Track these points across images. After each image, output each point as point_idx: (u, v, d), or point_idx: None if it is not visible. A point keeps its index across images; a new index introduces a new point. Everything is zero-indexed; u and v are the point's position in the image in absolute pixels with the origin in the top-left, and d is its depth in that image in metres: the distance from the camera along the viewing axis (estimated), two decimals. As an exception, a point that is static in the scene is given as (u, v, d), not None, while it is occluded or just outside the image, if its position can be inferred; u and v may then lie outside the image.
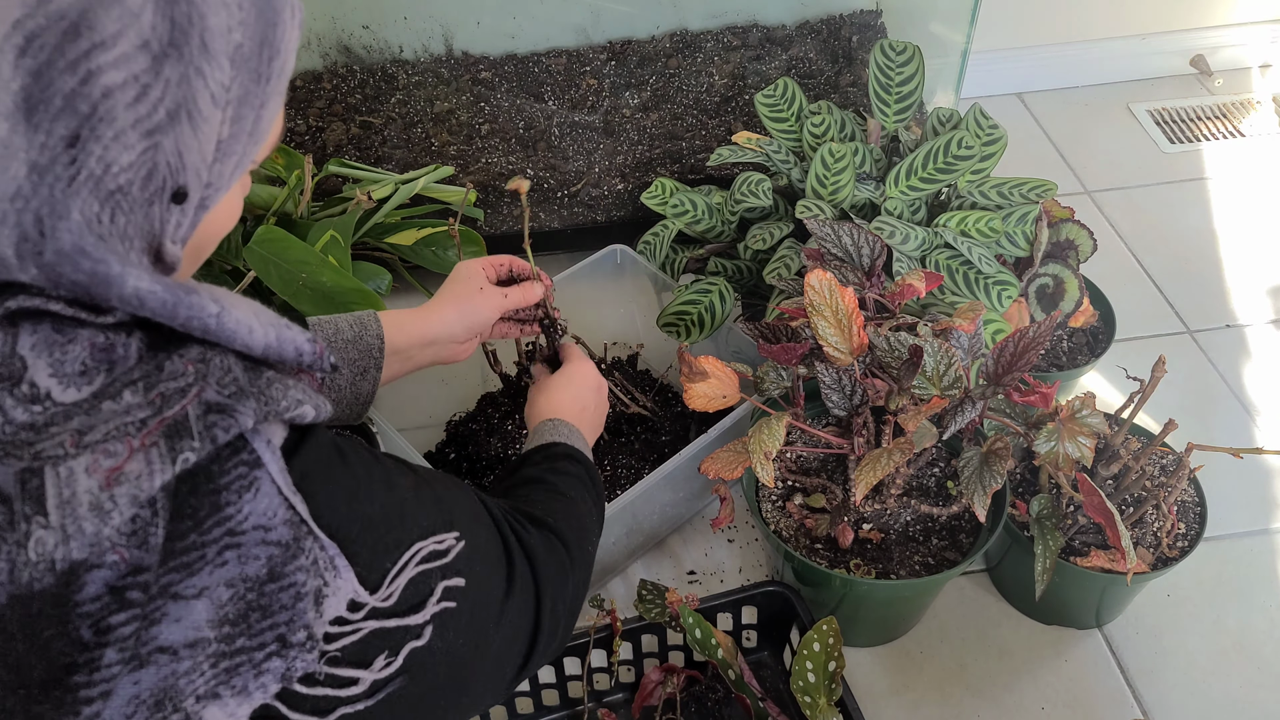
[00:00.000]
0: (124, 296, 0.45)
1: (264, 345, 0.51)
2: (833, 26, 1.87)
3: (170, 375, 0.46)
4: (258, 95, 0.50)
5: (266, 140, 0.54)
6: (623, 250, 1.40)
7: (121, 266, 0.45)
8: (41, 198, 0.43)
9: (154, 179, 0.47)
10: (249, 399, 0.48)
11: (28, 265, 0.43)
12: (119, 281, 0.45)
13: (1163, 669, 1.21)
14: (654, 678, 1.12)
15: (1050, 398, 1.01)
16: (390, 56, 1.82)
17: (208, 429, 0.46)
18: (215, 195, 0.51)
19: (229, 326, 0.49)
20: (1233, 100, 2.10)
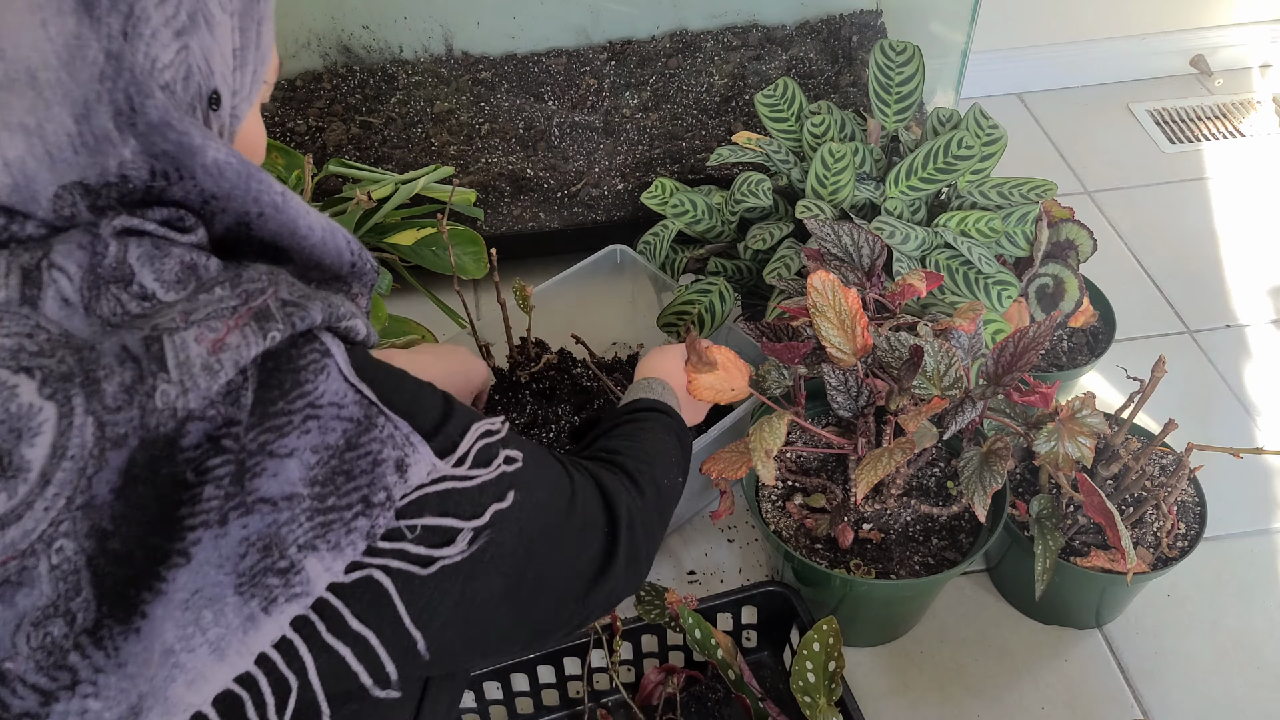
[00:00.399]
0: (206, 165, 0.52)
1: (321, 231, 0.58)
2: (833, 26, 1.87)
3: (249, 280, 0.53)
4: (254, 10, 0.57)
5: (269, 61, 0.60)
6: (623, 250, 1.40)
7: (203, 139, 0.52)
8: (126, 78, 0.49)
9: (192, 80, 0.53)
10: (315, 301, 0.55)
11: (126, 136, 0.50)
12: (201, 151, 0.52)
13: (1163, 669, 1.21)
14: (654, 678, 1.12)
15: (1050, 398, 1.01)
16: (390, 56, 1.81)
17: (286, 317, 0.53)
18: (243, 106, 0.58)
19: (293, 206, 0.56)
20: (1233, 100, 2.10)
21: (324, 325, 0.55)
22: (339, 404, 0.55)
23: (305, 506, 0.53)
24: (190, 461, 0.50)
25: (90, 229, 0.50)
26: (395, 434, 0.57)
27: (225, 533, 0.50)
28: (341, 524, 0.54)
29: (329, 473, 0.54)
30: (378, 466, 0.55)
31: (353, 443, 0.55)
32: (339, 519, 0.54)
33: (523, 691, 1.13)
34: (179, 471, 0.50)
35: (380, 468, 0.55)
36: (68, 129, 0.49)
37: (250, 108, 0.59)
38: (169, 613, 0.49)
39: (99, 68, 0.49)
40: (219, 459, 0.50)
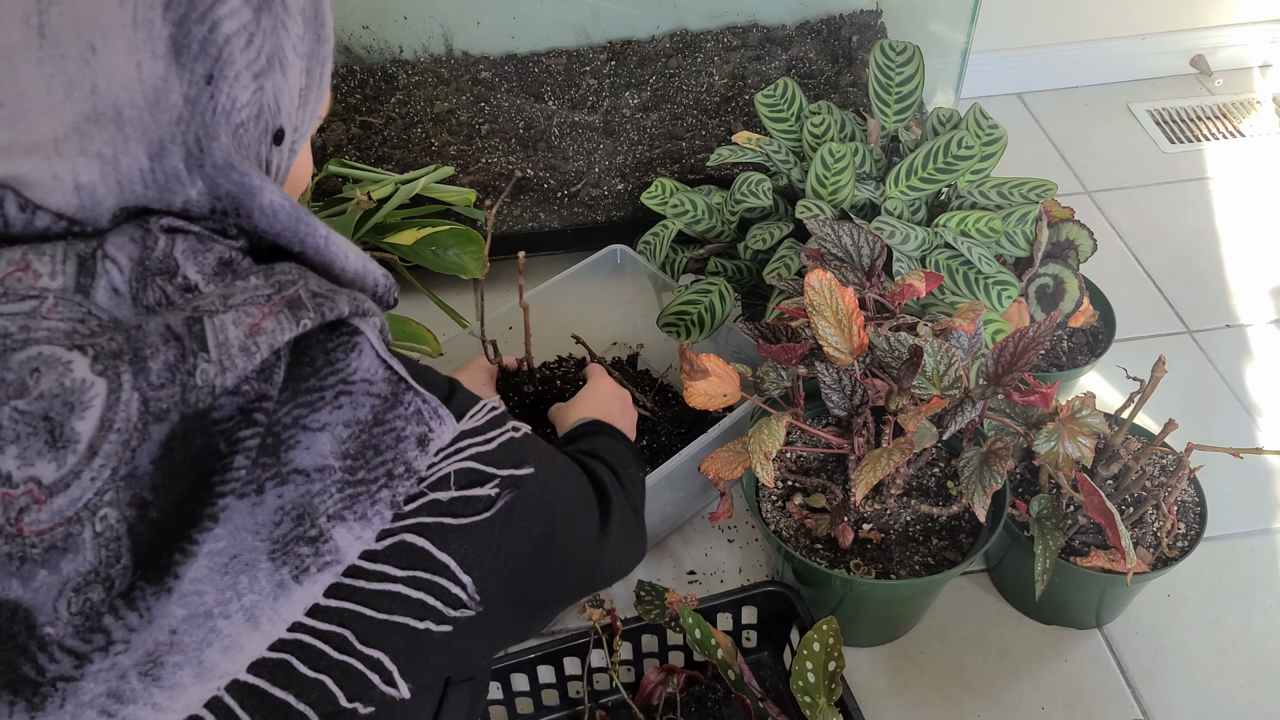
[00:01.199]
0: (263, 207, 0.56)
1: (355, 270, 0.62)
2: (833, 26, 1.87)
3: (281, 272, 0.57)
4: (320, 53, 0.61)
5: (325, 99, 0.63)
6: (623, 250, 1.40)
7: (261, 181, 0.56)
8: (198, 122, 0.53)
9: (262, 118, 0.56)
10: (342, 295, 0.58)
11: (194, 177, 0.54)
12: (259, 192, 0.55)
13: (1163, 669, 1.21)
14: (654, 678, 1.12)
15: (1050, 398, 1.01)
16: (390, 56, 1.82)
17: (317, 306, 0.56)
18: (300, 141, 0.61)
19: (334, 248, 0.60)
20: (1233, 100, 2.10)
21: (351, 315, 0.58)
22: (370, 380, 0.58)
23: (336, 479, 0.55)
24: (223, 433, 0.53)
25: (142, 224, 0.53)
26: (424, 408, 0.60)
27: (262, 501, 0.53)
28: (368, 495, 0.57)
29: (359, 447, 0.57)
30: (400, 442, 0.58)
31: (380, 418, 0.58)
32: (365, 491, 0.57)
33: (523, 691, 1.13)
34: (212, 443, 0.52)
35: (403, 443, 0.58)
36: (141, 165, 0.52)
37: (305, 141, 0.63)
38: (209, 576, 0.51)
39: (178, 111, 0.52)
40: (249, 430, 0.53)
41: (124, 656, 0.50)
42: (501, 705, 1.13)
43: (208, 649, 0.52)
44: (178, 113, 0.52)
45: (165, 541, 0.51)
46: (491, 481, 0.63)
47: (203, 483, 0.52)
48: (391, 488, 0.58)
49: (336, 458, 0.56)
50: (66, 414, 0.48)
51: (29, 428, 0.48)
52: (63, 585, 0.49)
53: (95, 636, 0.49)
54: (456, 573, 0.60)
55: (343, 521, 0.56)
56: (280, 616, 0.54)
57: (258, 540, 0.53)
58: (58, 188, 0.51)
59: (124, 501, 0.50)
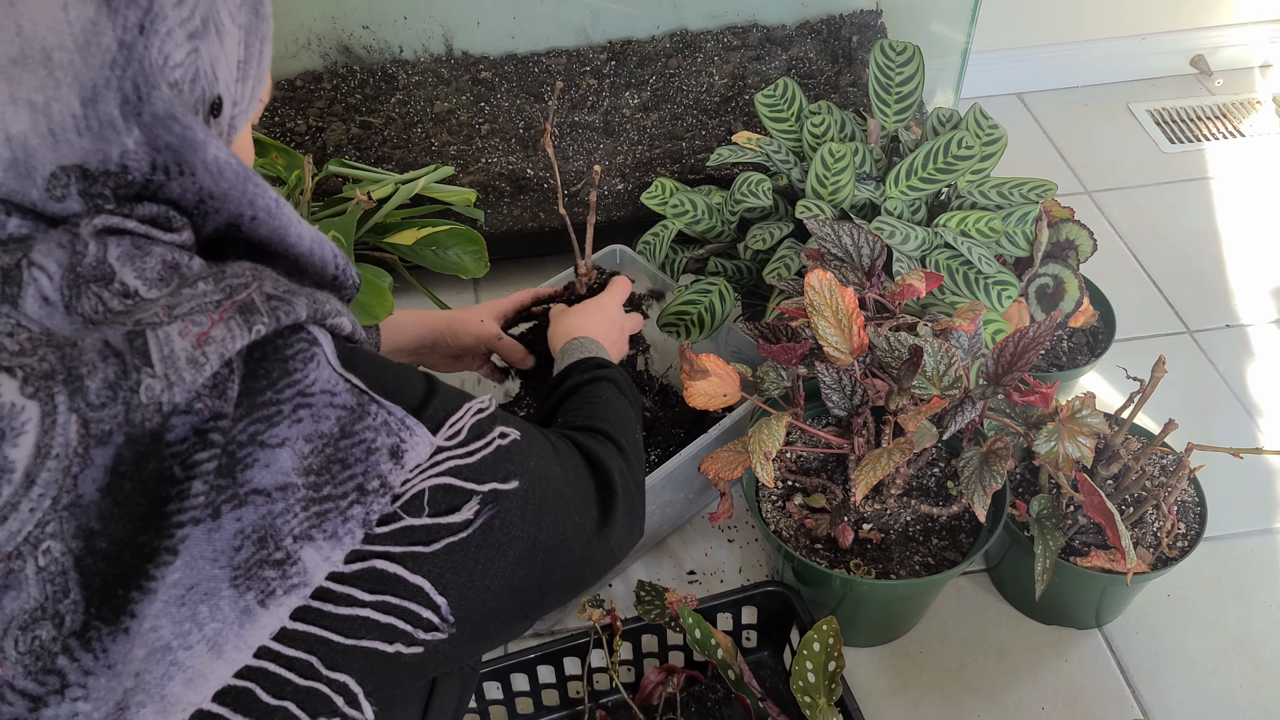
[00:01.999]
0: (206, 162, 0.53)
1: (310, 241, 0.59)
2: (833, 26, 1.87)
3: (233, 275, 0.54)
4: (258, 28, 0.58)
5: (266, 80, 0.61)
6: (622, 250, 1.40)
7: (205, 135, 0.52)
8: (135, 68, 0.51)
9: (198, 84, 0.54)
10: (300, 297, 0.55)
11: (131, 125, 0.51)
12: (203, 146, 0.52)
13: (1163, 669, 1.21)
14: (654, 678, 1.12)
15: (1050, 398, 1.01)
16: (390, 56, 1.82)
17: (271, 310, 0.53)
18: (240, 118, 0.59)
19: (285, 213, 0.57)
20: (1233, 100, 2.10)
21: (309, 320, 0.55)
22: (331, 391, 0.55)
23: (300, 496, 0.53)
24: (177, 456, 0.50)
25: (70, 229, 0.50)
26: (390, 420, 0.57)
27: (219, 526, 0.50)
28: (337, 512, 0.54)
29: (324, 461, 0.54)
30: (371, 455, 0.55)
31: (347, 430, 0.55)
32: (334, 508, 0.54)
33: (523, 691, 1.13)
34: (166, 467, 0.49)
35: (374, 455, 0.55)
36: (74, 110, 0.50)
37: (246, 122, 0.60)
38: (165, 609, 0.49)
39: (111, 55, 0.50)
40: (206, 453, 0.50)
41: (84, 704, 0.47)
42: (501, 705, 1.13)
43: (169, 683, 0.49)
44: (111, 56, 0.50)
45: (118, 576, 0.48)
46: (471, 500, 0.59)
47: (157, 511, 0.49)
48: (365, 504, 0.55)
49: (299, 474, 0.53)
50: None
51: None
52: (7, 624, 0.46)
53: (49, 679, 0.47)
54: (431, 595, 0.57)
55: (310, 541, 0.53)
56: (246, 643, 0.52)
57: (216, 568, 0.50)
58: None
59: (69, 533, 0.47)
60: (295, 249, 0.58)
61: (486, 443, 0.62)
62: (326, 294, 0.59)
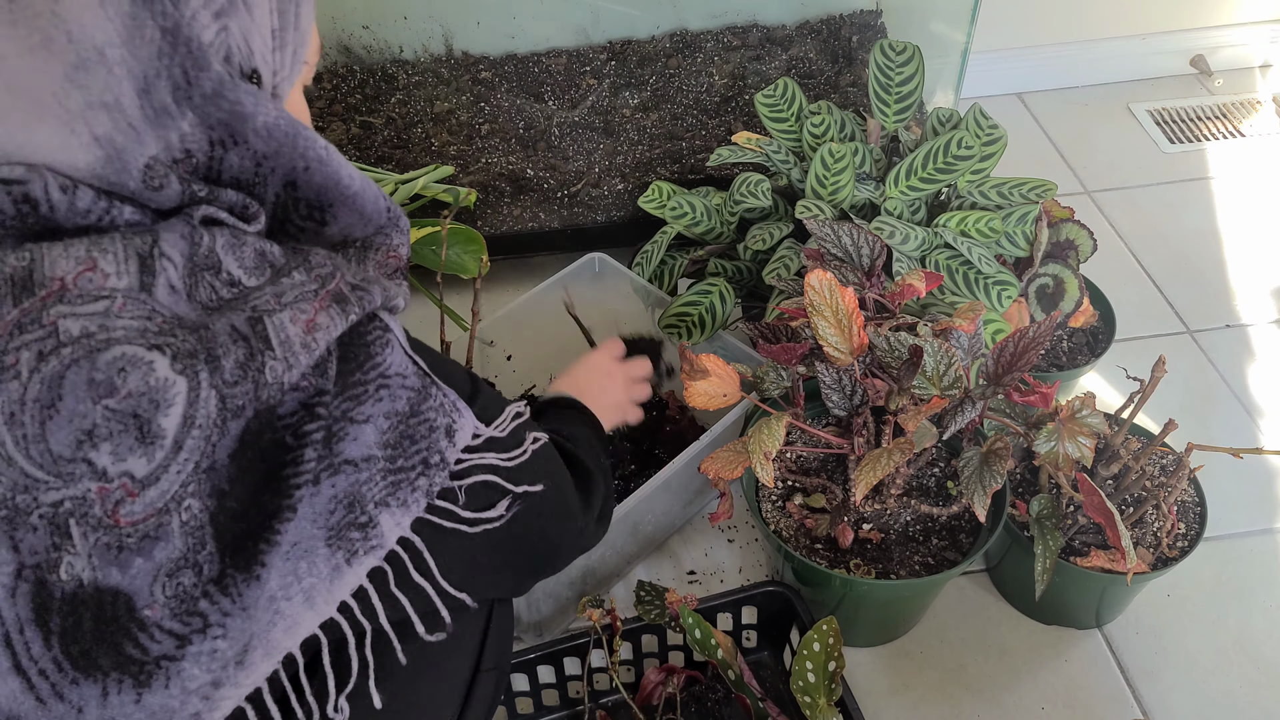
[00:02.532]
0: (257, 129, 0.55)
1: (360, 182, 0.62)
2: (833, 26, 1.87)
3: (318, 265, 0.58)
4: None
5: (309, 42, 0.63)
6: (600, 259, 1.39)
7: (254, 105, 0.55)
8: (181, 53, 0.52)
9: (232, 61, 0.55)
10: (374, 285, 0.61)
11: (184, 109, 0.53)
12: (253, 116, 0.55)
13: (1163, 669, 1.21)
14: (654, 678, 1.12)
15: (1050, 398, 1.00)
16: (390, 56, 1.81)
17: (359, 299, 0.59)
18: (284, 85, 0.60)
19: (335, 158, 0.60)
20: (1233, 100, 2.10)
21: (382, 306, 0.61)
22: (403, 374, 0.61)
23: (380, 467, 0.59)
24: (289, 427, 0.56)
25: (187, 219, 0.54)
26: (445, 401, 0.63)
27: (318, 491, 0.56)
28: (408, 483, 0.60)
29: (398, 437, 0.60)
30: (433, 432, 0.62)
31: (415, 409, 0.61)
32: (406, 479, 0.60)
33: (523, 691, 1.13)
34: (280, 437, 0.55)
35: (435, 433, 0.62)
36: (134, 102, 0.52)
37: (292, 87, 0.62)
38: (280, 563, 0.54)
39: (157, 45, 0.52)
40: (314, 424, 0.56)
41: (221, 642, 0.53)
42: (501, 705, 1.13)
43: (273, 629, 0.55)
44: (157, 46, 0.52)
45: (248, 531, 0.54)
46: (506, 499, 0.67)
47: (275, 475, 0.55)
48: (429, 476, 0.61)
49: (379, 447, 0.59)
50: (153, 411, 0.50)
51: (120, 425, 0.50)
52: (156, 571, 0.51)
53: (192, 619, 0.52)
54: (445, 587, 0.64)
55: (387, 508, 0.59)
56: (334, 597, 0.58)
57: (315, 528, 0.56)
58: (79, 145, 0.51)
59: (205, 493, 0.53)
60: (349, 190, 0.61)
61: (523, 449, 0.70)
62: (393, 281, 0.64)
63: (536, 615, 1.18)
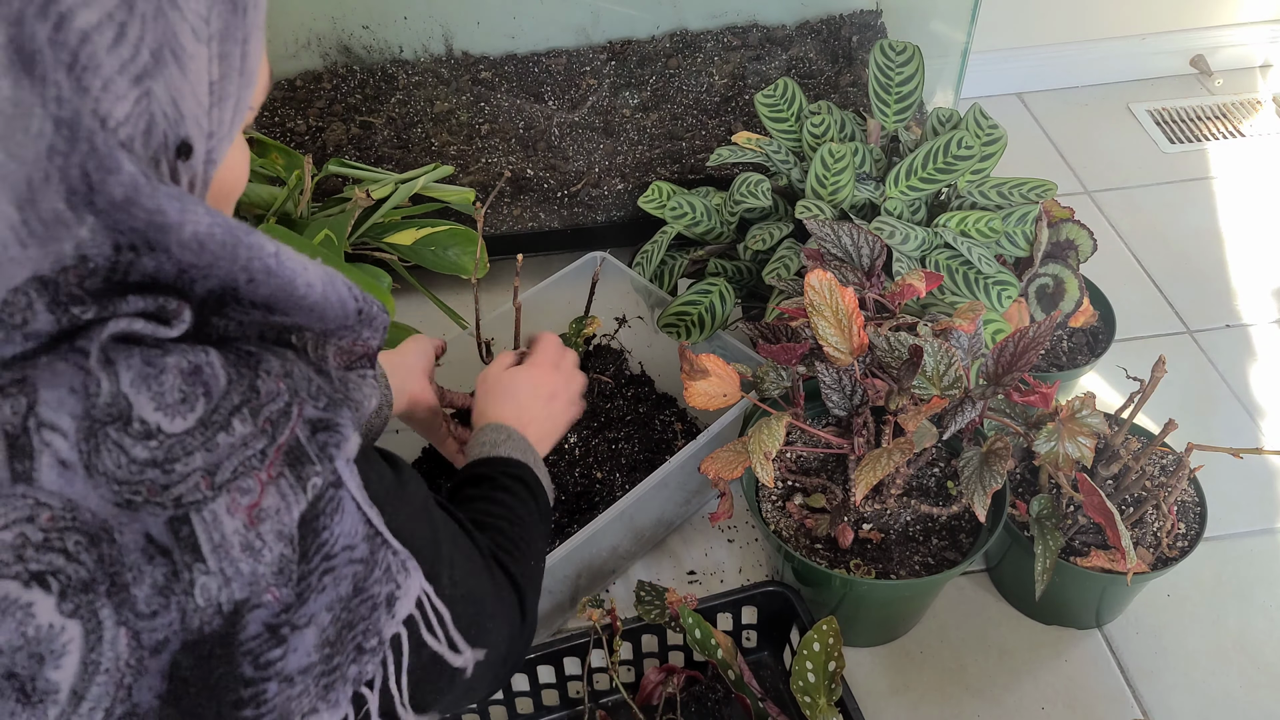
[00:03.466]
0: (183, 241, 0.44)
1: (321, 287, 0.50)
2: (833, 26, 1.87)
3: (268, 396, 0.46)
4: (239, 27, 0.48)
5: (257, 83, 0.51)
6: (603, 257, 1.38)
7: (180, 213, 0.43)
8: (82, 150, 0.41)
9: (154, 133, 0.44)
10: (343, 407, 0.49)
11: (84, 215, 0.42)
12: (178, 227, 0.43)
13: (1163, 669, 1.21)
14: (654, 678, 1.12)
15: (1050, 398, 1.00)
16: (390, 56, 1.81)
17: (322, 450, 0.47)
18: (220, 146, 0.49)
19: (288, 266, 0.48)
20: (1233, 100, 2.10)
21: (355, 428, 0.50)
22: (351, 545, 0.49)
23: (315, 673, 0.48)
24: (250, 655, 0.45)
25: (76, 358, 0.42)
26: (392, 562, 0.52)
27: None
28: (342, 680, 0.50)
29: (338, 630, 0.49)
30: (374, 611, 0.51)
31: (359, 588, 0.50)
32: (340, 676, 0.49)
33: (522, 691, 1.13)
34: (237, 670, 0.45)
35: (375, 611, 0.51)
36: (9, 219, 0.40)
37: (231, 143, 0.51)
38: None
39: (47, 141, 0.40)
40: (279, 650, 0.45)
41: None
42: (501, 705, 1.13)
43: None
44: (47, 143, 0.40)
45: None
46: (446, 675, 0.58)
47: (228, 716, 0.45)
48: (360, 663, 0.50)
49: (318, 649, 0.48)
50: (37, 667, 0.40)
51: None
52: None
53: None
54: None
55: (315, 714, 0.48)
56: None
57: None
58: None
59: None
60: (306, 299, 0.49)
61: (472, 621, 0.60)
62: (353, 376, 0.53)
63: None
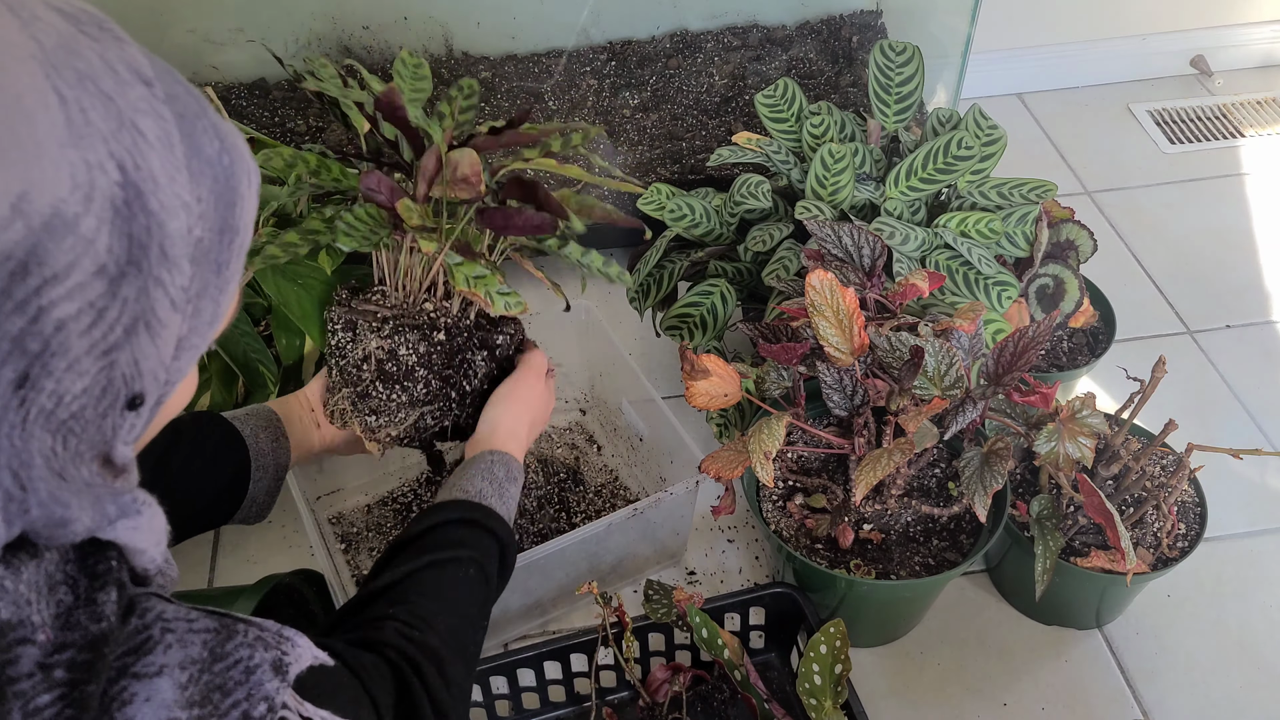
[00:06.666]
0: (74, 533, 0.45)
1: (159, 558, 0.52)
2: (833, 27, 1.87)
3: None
4: (217, 285, 0.48)
5: (224, 320, 0.51)
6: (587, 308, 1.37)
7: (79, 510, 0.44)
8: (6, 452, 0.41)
9: (108, 394, 0.45)
10: None
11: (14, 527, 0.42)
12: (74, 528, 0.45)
13: (1163, 669, 1.21)
14: (660, 676, 1.12)
15: (1050, 398, 1.01)
16: (390, 56, 1.81)
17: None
18: (172, 389, 0.50)
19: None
20: (1233, 100, 2.10)
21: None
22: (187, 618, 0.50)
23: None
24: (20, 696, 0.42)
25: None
26: (264, 634, 0.52)
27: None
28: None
29: (204, 690, 0.48)
30: (253, 674, 0.50)
31: (217, 653, 0.49)
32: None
33: (529, 687, 1.13)
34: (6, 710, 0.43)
35: (256, 674, 0.50)
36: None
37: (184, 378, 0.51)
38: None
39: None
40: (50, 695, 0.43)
41: None
42: (507, 700, 1.13)
43: None
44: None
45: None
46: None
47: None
48: None
49: (182, 707, 0.46)
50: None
51: None
52: None
53: None
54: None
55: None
56: None
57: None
58: None
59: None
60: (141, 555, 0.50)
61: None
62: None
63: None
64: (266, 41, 1.74)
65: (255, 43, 1.74)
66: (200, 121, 0.46)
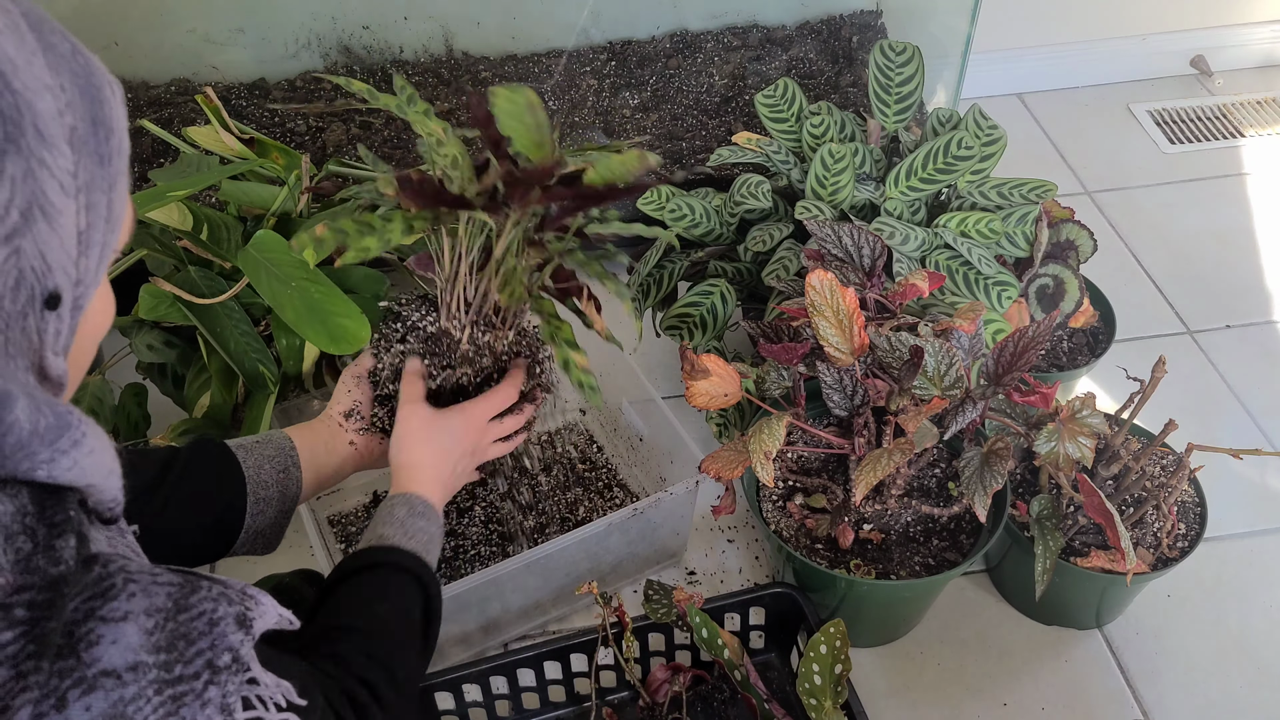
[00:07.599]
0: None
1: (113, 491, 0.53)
2: (833, 27, 1.87)
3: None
4: (104, 177, 0.50)
5: (123, 225, 0.53)
6: None
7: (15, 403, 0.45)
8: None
9: (23, 287, 0.46)
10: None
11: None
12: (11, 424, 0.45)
13: (1163, 669, 1.21)
14: (660, 676, 1.12)
15: (1050, 398, 1.01)
16: (390, 56, 1.81)
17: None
18: (87, 293, 0.51)
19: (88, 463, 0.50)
20: (1233, 100, 2.10)
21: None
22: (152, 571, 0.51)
23: (152, 677, 0.47)
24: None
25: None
26: (228, 590, 0.53)
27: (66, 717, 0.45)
28: (194, 695, 0.49)
29: (170, 637, 0.49)
30: (216, 625, 0.51)
31: (181, 604, 0.50)
32: (190, 690, 0.49)
33: (529, 687, 1.13)
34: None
35: (220, 625, 0.51)
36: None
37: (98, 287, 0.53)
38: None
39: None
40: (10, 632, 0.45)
41: None
42: (507, 700, 1.13)
43: None
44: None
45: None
46: None
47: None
48: (220, 684, 0.50)
49: (149, 651, 0.47)
50: None
51: None
52: None
53: None
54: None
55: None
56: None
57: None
58: None
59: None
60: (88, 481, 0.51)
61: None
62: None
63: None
64: (266, 41, 1.74)
65: (256, 43, 1.74)
66: (48, 24, 0.48)
